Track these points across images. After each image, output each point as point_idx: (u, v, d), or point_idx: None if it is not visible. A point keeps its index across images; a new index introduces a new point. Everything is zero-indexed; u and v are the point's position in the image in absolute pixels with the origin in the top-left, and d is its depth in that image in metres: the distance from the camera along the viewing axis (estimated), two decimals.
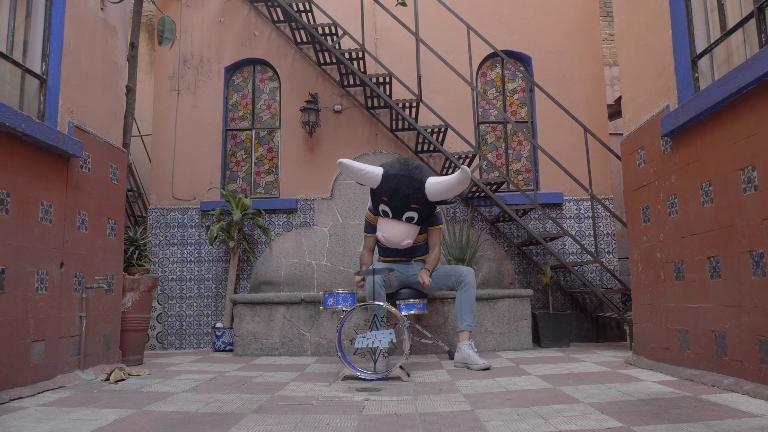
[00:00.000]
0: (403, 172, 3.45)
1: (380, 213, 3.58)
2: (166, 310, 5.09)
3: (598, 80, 5.29)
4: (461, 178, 3.36)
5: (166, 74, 5.42)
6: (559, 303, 4.96)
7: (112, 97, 3.60)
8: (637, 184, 3.36)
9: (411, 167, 3.50)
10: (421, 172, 3.50)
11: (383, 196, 3.49)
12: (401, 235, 3.50)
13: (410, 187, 3.42)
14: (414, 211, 3.48)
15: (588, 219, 5.10)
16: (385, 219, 3.57)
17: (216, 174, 5.29)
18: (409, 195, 3.43)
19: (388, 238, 3.52)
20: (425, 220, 3.62)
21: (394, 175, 3.46)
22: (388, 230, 3.51)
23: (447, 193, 3.45)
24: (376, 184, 3.51)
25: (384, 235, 3.53)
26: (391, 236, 3.50)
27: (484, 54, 5.33)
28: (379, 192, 3.52)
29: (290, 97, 5.35)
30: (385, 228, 3.54)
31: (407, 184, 3.42)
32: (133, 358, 3.78)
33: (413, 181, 3.43)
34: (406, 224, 3.52)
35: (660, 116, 3.05)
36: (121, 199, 3.63)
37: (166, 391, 2.78)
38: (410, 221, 3.52)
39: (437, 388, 2.79)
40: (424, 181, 3.46)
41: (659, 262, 3.10)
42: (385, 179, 3.47)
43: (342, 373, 3.11)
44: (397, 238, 3.50)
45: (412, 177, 3.44)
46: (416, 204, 3.46)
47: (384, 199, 3.49)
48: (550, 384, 2.76)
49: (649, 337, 3.22)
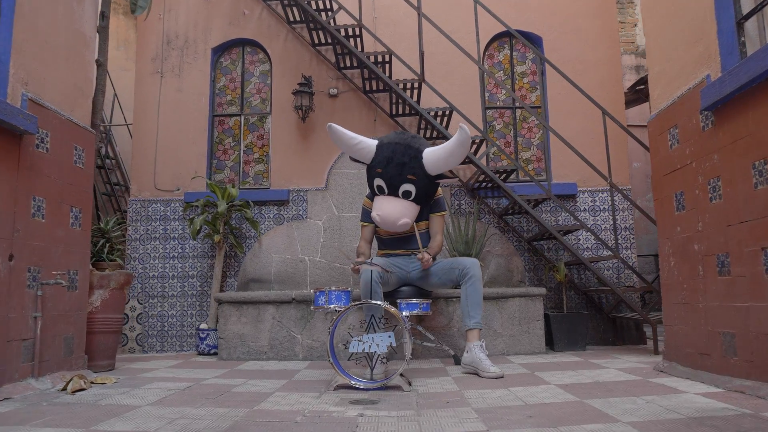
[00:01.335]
0: (399, 140, 3.12)
1: (375, 191, 3.22)
2: (147, 310, 4.69)
3: (614, 63, 4.89)
4: (460, 139, 3.02)
5: (148, 56, 5.03)
6: (572, 303, 4.57)
7: (78, 71, 3.21)
8: (669, 167, 2.96)
9: (407, 136, 3.17)
10: (418, 141, 3.17)
11: (377, 168, 3.14)
12: (397, 212, 3.12)
13: (406, 155, 3.09)
14: (411, 184, 3.12)
15: (603, 212, 4.71)
16: (380, 197, 3.20)
17: (202, 163, 4.90)
18: (405, 164, 3.08)
19: (383, 217, 3.13)
20: (425, 200, 3.25)
21: (388, 143, 3.14)
22: (383, 207, 3.13)
23: (447, 160, 3.11)
24: (369, 156, 3.17)
25: (378, 213, 3.14)
26: (385, 214, 3.12)
27: (491, 34, 4.94)
28: (373, 165, 3.17)
29: (282, 81, 4.95)
30: (379, 206, 3.16)
31: (403, 152, 3.09)
32: (102, 363, 3.38)
33: (409, 149, 3.10)
34: (402, 201, 3.15)
35: (699, 88, 2.66)
36: (87, 185, 3.24)
37: (128, 403, 2.39)
38: (407, 196, 3.15)
39: (443, 399, 2.40)
40: (422, 149, 3.13)
41: (697, 255, 2.70)
42: (380, 149, 3.15)
43: (335, 382, 2.72)
44: (393, 216, 3.12)
45: (408, 145, 3.11)
46: (413, 175, 3.10)
47: (378, 171, 3.14)
48: (575, 396, 2.37)
49: (684, 341, 2.82)
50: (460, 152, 3.09)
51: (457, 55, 4.70)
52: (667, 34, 3.02)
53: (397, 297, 3.28)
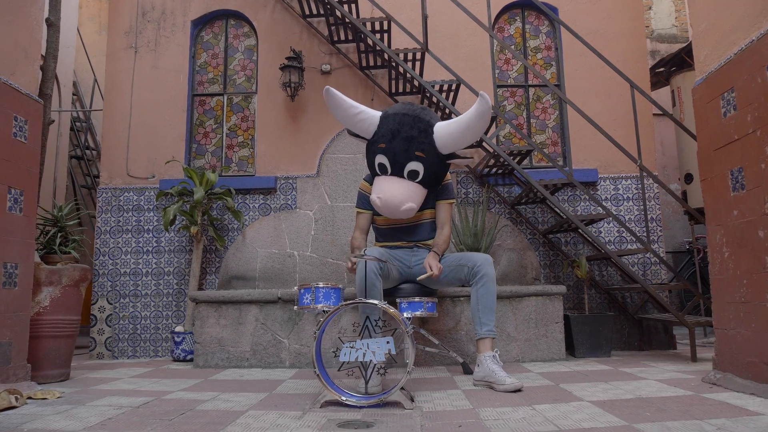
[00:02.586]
0: (406, 111, 2.65)
1: (377, 170, 2.74)
2: (117, 311, 4.20)
3: (638, 35, 4.40)
4: (480, 110, 2.55)
5: (121, 29, 4.54)
6: (594, 302, 4.08)
7: (20, 29, 2.72)
8: (723, 140, 2.48)
9: (416, 107, 2.70)
10: (429, 113, 2.69)
11: (380, 142, 2.66)
12: (401, 195, 2.63)
13: (415, 128, 2.62)
14: (419, 162, 2.64)
15: (628, 201, 4.22)
16: (381, 178, 2.71)
17: (180, 147, 4.40)
18: (413, 138, 2.62)
19: (384, 200, 2.64)
20: (433, 183, 2.76)
21: (394, 114, 2.67)
22: (385, 189, 2.64)
23: (463, 135, 2.64)
24: (371, 129, 2.70)
25: (379, 196, 2.65)
26: (387, 197, 2.63)
27: (501, 5, 4.45)
28: (375, 139, 2.69)
29: (269, 57, 4.46)
30: (381, 187, 2.67)
31: (411, 125, 2.62)
32: (52, 373, 2.89)
33: (419, 122, 2.63)
34: (407, 182, 2.66)
35: (764, 40, 2.17)
36: (32, 163, 2.74)
37: (58, 429, 1.90)
38: (414, 177, 2.67)
39: (454, 422, 1.91)
40: (433, 123, 2.66)
41: (763, 243, 2.22)
42: (384, 121, 2.68)
43: (322, 397, 2.24)
44: (396, 199, 2.63)
45: (417, 117, 2.64)
46: (422, 152, 2.63)
47: (381, 146, 2.66)
48: (619, 419, 1.88)
49: (744, 348, 2.34)
50: (478, 126, 2.61)
51: (464, 27, 4.22)
52: None
53: (397, 296, 2.79)
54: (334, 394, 2.22)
